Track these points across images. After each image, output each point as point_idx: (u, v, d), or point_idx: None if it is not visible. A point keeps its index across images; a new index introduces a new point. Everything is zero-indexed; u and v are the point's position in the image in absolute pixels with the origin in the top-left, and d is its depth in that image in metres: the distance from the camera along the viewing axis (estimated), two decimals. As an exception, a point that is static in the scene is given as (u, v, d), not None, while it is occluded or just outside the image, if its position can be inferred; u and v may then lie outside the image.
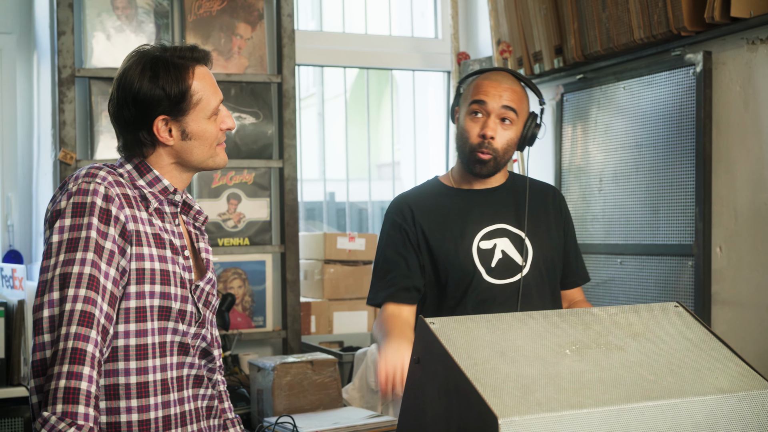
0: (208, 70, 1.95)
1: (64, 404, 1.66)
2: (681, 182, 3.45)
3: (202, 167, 1.97)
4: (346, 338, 4.30)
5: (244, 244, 4.06)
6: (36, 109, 4.02)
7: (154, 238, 1.87)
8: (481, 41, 4.68)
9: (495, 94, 2.41)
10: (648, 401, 1.50)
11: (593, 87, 3.91)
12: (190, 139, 1.91)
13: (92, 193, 1.79)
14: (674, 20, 3.35)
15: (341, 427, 3.12)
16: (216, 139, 1.94)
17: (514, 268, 2.41)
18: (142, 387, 1.83)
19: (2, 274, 3.95)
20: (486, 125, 2.40)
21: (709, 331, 1.74)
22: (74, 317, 1.71)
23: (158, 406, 1.85)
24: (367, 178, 5.01)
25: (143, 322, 1.83)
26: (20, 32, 4.04)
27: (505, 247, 2.43)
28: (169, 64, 1.88)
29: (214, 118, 1.93)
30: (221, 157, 1.98)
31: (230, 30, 4.04)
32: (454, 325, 1.63)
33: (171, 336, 1.87)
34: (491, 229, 2.44)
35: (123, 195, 1.85)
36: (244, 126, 4.06)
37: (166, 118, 1.89)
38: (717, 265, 3.34)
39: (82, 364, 1.69)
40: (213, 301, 2.01)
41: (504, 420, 1.39)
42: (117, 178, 1.87)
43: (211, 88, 1.93)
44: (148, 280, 1.83)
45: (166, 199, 1.94)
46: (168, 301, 1.86)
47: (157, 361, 1.85)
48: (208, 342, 1.98)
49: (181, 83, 1.87)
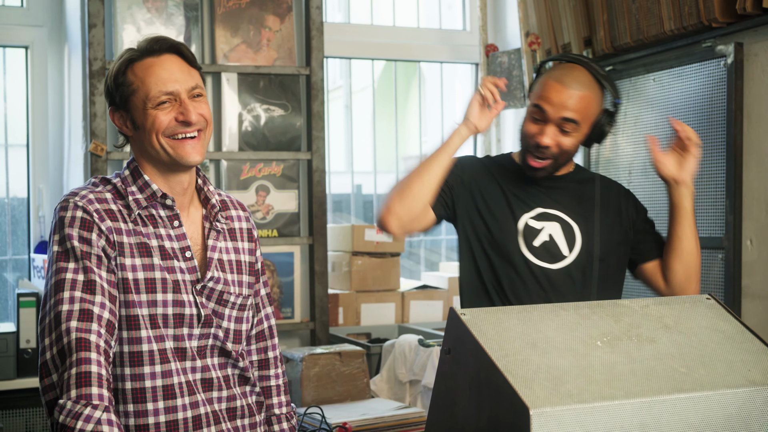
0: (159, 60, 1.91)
1: (77, 388, 1.71)
2: (711, 174, 3.43)
3: (166, 161, 1.93)
4: (373, 330, 4.31)
5: (272, 236, 4.07)
6: (67, 101, 4.06)
7: (138, 248, 1.89)
8: (509, 33, 4.67)
9: (557, 102, 2.32)
10: (680, 393, 1.49)
11: (623, 79, 3.88)
12: (137, 128, 1.93)
13: (72, 208, 1.86)
14: (705, 11, 3.32)
15: (369, 418, 3.13)
16: (161, 129, 1.90)
17: (557, 255, 2.39)
18: (138, 393, 1.85)
19: (34, 265, 4.00)
20: (543, 132, 2.35)
21: (742, 323, 1.73)
22: (73, 315, 1.77)
23: (158, 411, 1.86)
24: (394, 171, 5.02)
25: (136, 330, 1.86)
26: (51, 25, 4.08)
27: (553, 232, 2.40)
28: (120, 58, 1.95)
29: (162, 107, 1.89)
30: (180, 151, 1.91)
31: (259, 22, 4.05)
32: (485, 316, 1.63)
33: (172, 342, 1.88)
34: (544, 211, 2.42)
35: (105, 210, 1.88)
36: (273, 118, 4.07)
37: (112, 108, 1.96)
38: (747, 258, 3.31)
39: (88, 351, 1.74)
40: (231, 299, 1.99)
41: (535, 411, 1.39)
42: (99, 195, 1.90)
43: (153, 78, 1.89)
44: (133, 290, 1.86)
45: (157, 203, 1.94)
46: (154, 309, 1.87)
47: (157, 368, 1.86)
48: (222, 340, 1.96)
49: (118, 75, 1.92)
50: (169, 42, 1.94)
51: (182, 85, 1.91)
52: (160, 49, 1.92)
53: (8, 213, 4.17)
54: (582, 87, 2.35)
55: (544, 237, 2.39)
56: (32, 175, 4.10)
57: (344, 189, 5.20)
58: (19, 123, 4.15)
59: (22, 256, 4.17)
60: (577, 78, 2.36)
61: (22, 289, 3.78)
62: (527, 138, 2.39)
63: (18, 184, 4.18)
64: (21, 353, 3.66)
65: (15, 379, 3.63)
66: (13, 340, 3.64)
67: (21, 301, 3.67)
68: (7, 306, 4.13)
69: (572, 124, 2.34)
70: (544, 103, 2.34)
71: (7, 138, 4.18)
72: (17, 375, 3.64)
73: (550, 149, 2.36)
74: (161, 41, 1.94)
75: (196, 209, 2.03)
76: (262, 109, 4.05)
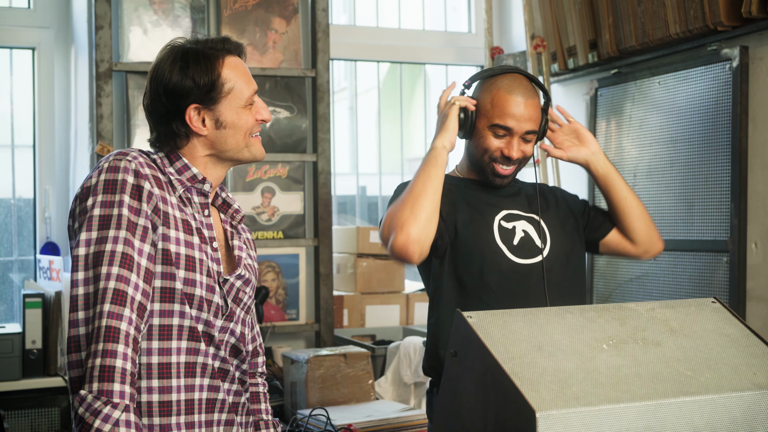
0: (240, 61, 1.96)
1: (100, 383, 1.70)
2: (716, 178, 3.43)
3: (238, 158, 1.97)
4: (378, 332, 4.32)
5: (277, 238, 4.08)
6: (73, 102, 4.07)
7: (183, 223, 1.87)
8: (514, 36, 4.68)
9: (520, 116, 2.35)
10: (685, 396, 1.50)
11: (628, 82, 3.89)
12: (224, 128, 1.92)
13: (123, 171, 1.81)
14: (711, 15, 3.32)
15: (374, 419, 3.13)
16: (250, 129, 1.95)
17: (536, 249, 2.40)
18: (165, 368, 1.84)
19: (40, 266, 4.01)
20: (510, 146, 2.38)
21: (747, 326, 1.74)
22: (107, 296, 1.73)
23: (180, 388, 1.85)
24: (399, 173, 5.02)
25: (170, 303, 1.84)
26: (58, 27, 4.09)
27: (525, 228, 2.42)
28: (199, 54, 1.90)
29: (249, 107, 1.94)
30: (257, 149, 1.98)
31: (265, 24, 4.06)
32: (491, 319, 1.63)
33: (189, 321, 1.86)
34: (509, 212, 2.44)
35: (154, 176, 1.86)
36: (279, 120, 4.08)
37: (198, 107, 1.90)
38: (752, 261, 3.31)
39: (116, 342, 1.72)
40: (245, 299, 2.01)
41: (542, 414, 1.40)
42: (148, 161, 1.88)
43: (244, 77, 1.94)
44: (173, 263, 1.84)
45: (194, 187, 1.94)
46: (191, 288, 1.85)
47: (183, 343, 1.85)
48: (237, 338, 1.97)
49: (211, 72, 1.89)
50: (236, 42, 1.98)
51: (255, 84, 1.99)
52: (239, 50, 1.97)
53: (14, 214, 4.18)
54: (530, 95, 2.39)
55: (519, 234, 2.41)
56: (38, 176, 4.12)
57: (349, 191, 5.21)
58: (26, 124, 4.16)
59: (28, 256, 4.18)
60: (525, 87, 2.39)
61: (27, 290, 3.78)
62: (490, 152, 2.39)
63: (24, 184, 4.19)
64: (26, 354, 3.67)
65: (21, 379, 3.64)
66: (18, 341, 3.65)
67: (27, 301, 3.68)
68: (13, 307, 4.14)
69: (532, 133, 2.39)
70: (508, 120, 2.35)
71: (14, 139, 4.19)
72: (23, 375, 3.65)
73: (515, 159, 2.40)
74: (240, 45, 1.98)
75: (213, 211, 2.04)
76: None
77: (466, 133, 2.44)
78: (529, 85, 2.41)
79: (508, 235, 2.40)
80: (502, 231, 2.40)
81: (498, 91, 2.38)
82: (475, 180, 2.49)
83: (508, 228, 2.41)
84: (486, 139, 2.39)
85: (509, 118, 2.36)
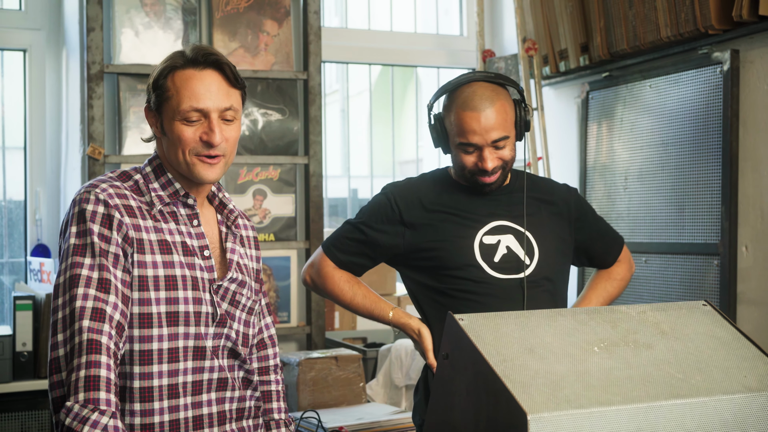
0: (206, 76, 1.90)
1: (86, 392, 1.71)
2: (707, 181, 3.44)
3: (184, 174, 1.94)
4: (369, 334, 4.32)
5: (269, 240, 4.08)
6: (65, 104, 4.06)
7: (159, 244, 1.89)
8: (506, 39, 4.69)
9: (480, 130, 2.30)
10: (676, 399, 1.50)
11: (619, 85, 3.90)
12: (165, 135, 1.92)
13: (93, 202, 1.84)
14: (701, 18, 3.34)
15: (365, 422, 3.13)
16: (186, 145, 1.89)
17: (519, 265, 2.37)
18: (146, 392, 1.85)
19: (30, 268, 3.99)
20: (482, 158, 2.33)
21: (737, 329, 1.74)
22: (85, 313, 1.76)
23: (163, 410, 1.86)
24: (390, 175, 5.02)
25: (148, 328, 1.86)
26: (50, 29, 4.08)
27: (509, 243, 2.38)
28: (169, 57, 1.92)
29: (190, 123, 1.89)
30: (199, 171, 1.91)
31: (257, 27, 4.06)
32: (483, 322, 1.64)
33: (184, 341, 1.88)
34: (495, 225, 2.40)
35: (124, 206, 1.88)
36: (270, 122, 4.08)
37: (148, 107, 1.94)
38: (743, 264, 3.33)
39: (99, 353, 1.74)
40: (242, 301, 2.01)
41: (533, 416, 1.40)
42: (119, 191, 1.90)
43: (188, 91, 1.88)
44: (152, 287, 1.86)
45: (179, 201, 1.96)
46: (175, 306, 1.87)
47: (165, 366, 1.87)
48: (234, 341, 1.97)
49: (159, 78, 1.91)
50: (214, 57, 1.91)
51: (215, 104, 1.90)
52: (204, 62, 1.90)
53: (5, 216, 4.17)
54: (491, 100, 2.31)
55: (502, 250, 2.37)
56: (29, 177, 4.10)
57: (340, 193, 5.21)
58: (17, 126, 4.15)
59: (19, 259, 4.16)
60: (481, 95, 2.32)
61: (18, 292, 3.77)
62: (468, 167, 2.36)
63: (15, 186, 4.18)
64: (17, 356, 3.65)
65: (11, 382, 3.63)
66: (9, 343, 3.64)
67: (17, 304, 3.67)
68: (3, 309, 4.13)
69: (503, 139, 2.33)
70: (470, 137, 2.31)
71: (5, 141, 4.18)
72: (13, 378, 3.64)
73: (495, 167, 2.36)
74: (207, 55, 1.91)
75: (208, 210, 2.05)
76: (260, 114, 4.06)
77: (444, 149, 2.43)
78: (488, 90, 2.33)
79: (489, 251, 2.37)
80: (483, 248, 2.37)
81: (455, 110, 2.33)
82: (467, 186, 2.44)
83: (490, 244, 2.38)
84: (459, 157, 2.36)
85: (471, 135, 2.31)
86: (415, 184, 2.49)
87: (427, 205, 2.42)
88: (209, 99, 1.89)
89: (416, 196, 2.44)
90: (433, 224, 2.40)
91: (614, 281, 2.58)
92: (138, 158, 3.77)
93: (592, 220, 2.56)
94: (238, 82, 1.96)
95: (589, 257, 2.58)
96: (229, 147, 1.93)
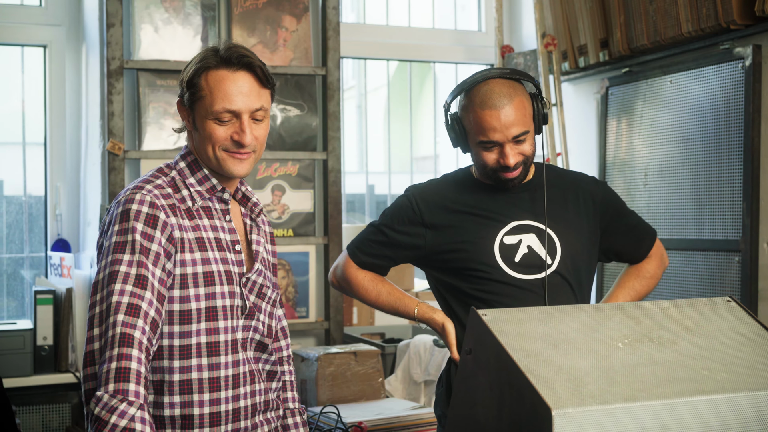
0: (239, 78, 1.93)
1: (116, 383, 1.75)
2: (728, 177, 3.42)
3: (213, 168, 1.98)
4: (387, 330, 4.32)
5: (287, 236, 4.09)
6: (84, 100, 4.08)
7: (197, 242, 1.93)
8: (525, 34, 4.67)
9: (500, 127, 2.29)
10: (701, 395, 1.50)
11: (639, 81, 3.88)
12: (197, 130, 1.96)
13: (138, 202, 1.88)
14: (723, 14, 3.32)
15: (384, 417, 3.14)
16: (216, 142, 1.94)
17: (541, 264, 2.36)
18: (186, 385, 1.90)
19: (51, 263, 4.02)
20: (504, 155, 2.32)
21: (763, 326, 1.73)
22: (121, 308, 1.80)
23: (203, 403, 1.90)
24: (408, 171, 5.02)
25: (188, 324, 1.90)
26: (69, 24, 4.10)
27: (531, 242, 2.37)
28: (203, 55, 1.95)
29: (222, 123, 1.93)
30: (229, 165, 1.96)
31: (276, 22, 4.07)
32: (507, 317, 1.63)
33: (224, 335, 1.93)
34: (517, 224, 2.38)
35: (169, 206, 1.92)
36: (289, 118, 4.09)
37: (181, 101, 1.98)
38: (764, 260, 3.31)
39: (130, 347, 1.78)
40: (268, 293, 2.05)
41: (557, 411, 1.40)
42: (164, 191, 1.94)
43: (221, 92, 1.92)
44: (191, 284, 1.90)
45: (214, 196, 2.00)
46: (213, 301, 1.92)
47: (204, 360, 1.91)
48: (261, 333, 2.01)
49: (193, 77, 1.94)
50: (247, 60, 1.94)
51: (246, 105, 1.93)
52: (238, 63, 1.93)
53: (26, 211, 4.19)
54: (509, 97, 2.31)
55: (523, 250, 2.36)
56: (50, 173, 4.12)
57: (358, 189, 5.20)
58: (37, 121, 4.17)
59: (39, 253, 4.19)
60: (499, 92, 2.31)
61: (39, 287, 3.80)
62: (490, 165, 2.35)
63: (35, 182, 4.20)
64: (38, 350, 3.68)
65: (32, 375, 3.66)
66: (30, 337, 3.67)
67: (38, 298, 3.69)
68: (24, 303, 4.15)
69: (524, 134, 2.32)
70: (491, 135, 2.30)
71: (25, 136, 4.20)
72: (34, 371, 3.67)
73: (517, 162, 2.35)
74: (241, 57, 1.93)
75: (234, 204, 2.09)
76: (279, 109, 4.06)
77: (463, 149, 2.43)
78: (505, 87, 2.32)
79: (510, 251, 2.36)
80: (504, 248, 2.36)
81: (474, 108, 2.32)
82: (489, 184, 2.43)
83: (511, 244, 2.37)
84: (480, 155, 2.36)
85: (491, 132, 2.30)
86: (436, 185, 2.50)
87: (449, 206, 2.43)
88: (241, 101, 1.93)
89: (438, 197, 2.45)
90: (455, 225, 2.40)
91: (643, 279, 2.53)
92: (157, 153, 3.79)
93: (620, 214, 2.53)
94: (269, 81, 1.99)
95: (617, 252, 2.54)
96: (258, 143, 1.98)
